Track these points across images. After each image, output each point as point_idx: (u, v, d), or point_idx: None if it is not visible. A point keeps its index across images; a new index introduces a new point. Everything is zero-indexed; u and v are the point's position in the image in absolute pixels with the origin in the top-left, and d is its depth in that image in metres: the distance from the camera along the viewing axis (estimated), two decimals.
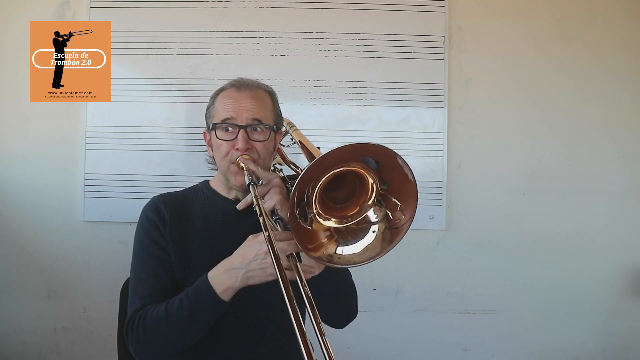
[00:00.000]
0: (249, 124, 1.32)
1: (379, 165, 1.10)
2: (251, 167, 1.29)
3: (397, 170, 1.08)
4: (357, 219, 1.16)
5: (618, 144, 2.43)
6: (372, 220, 1.15)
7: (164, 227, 1.34)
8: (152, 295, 1.28)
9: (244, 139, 1.31)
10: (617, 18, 2.42)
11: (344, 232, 1.16)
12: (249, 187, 1.24)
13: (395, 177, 1.10)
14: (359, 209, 1.16)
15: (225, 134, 1.34)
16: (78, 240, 2.38)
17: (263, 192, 1.25)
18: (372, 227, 1.15)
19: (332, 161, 1.07)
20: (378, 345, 2.43)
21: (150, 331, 1.22)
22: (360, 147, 1.09)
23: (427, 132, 2.39)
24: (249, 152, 1.32)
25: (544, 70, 2.41)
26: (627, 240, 2.44)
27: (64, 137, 2.38)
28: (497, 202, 2.42)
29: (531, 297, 2.43)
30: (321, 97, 2.38)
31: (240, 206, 1.32)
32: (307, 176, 1.05)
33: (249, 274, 1.16)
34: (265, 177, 1.28)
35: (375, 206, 1.15)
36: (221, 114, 1.34)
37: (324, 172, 1.09)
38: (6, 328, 2.41)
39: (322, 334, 0.96)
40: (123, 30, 2.33)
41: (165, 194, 1.44)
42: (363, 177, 1.14)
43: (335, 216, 1.16)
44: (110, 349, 1.63)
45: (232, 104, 1.33)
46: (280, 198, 1.22)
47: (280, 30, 2.37)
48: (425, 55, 2.38)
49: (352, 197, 1.18)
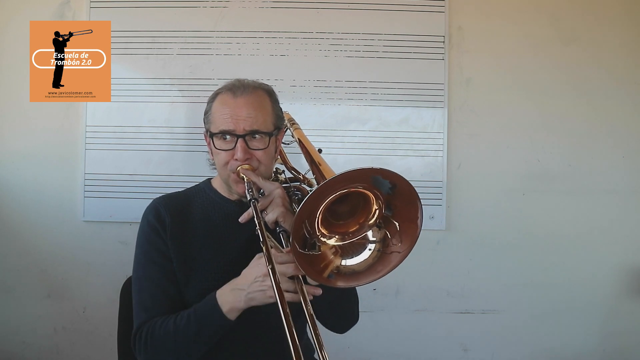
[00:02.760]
0: (248, 132, 1.27)
1: (394, 190, 1.10)
2: (252, 179, 1.26)
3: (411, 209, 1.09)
4: (358, 236, 1.17)
5: (618, 144, 2.42)
6: (370, 239, 1.16)
7: (164, 232, 1.32)
8: (155, 306, 1.27)
9: (242, 150, 1.27)
10: (617, 18, 2.42)
11: (346, 246, 1.16)
12: (250, 203, 1.22)
13: (406, 214, 1.11)
14: (359, 227, 1.17)
15: (223, 144, 1.30)
16: (78, 240, 2.38)
17: (265, 205, 1.23)
18: (369, 245, 1.16)
19: (338, 184, 1.07)
20: (378, 345, 2.43)
21: (158, 346, 1.23)
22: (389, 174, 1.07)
23: (427, 132, 2.39)
24: (248, 161, 1.29)
25: (544, 71, 2.41)
26: (627, 240, 2.44)
27: (64, 137, 2.38)
28: (497, 202, 2.42)
29: (531, 297, 2.43)
30: (321, 97, 2.38)
31: (242, 219, 1.26)
32: (307, 208, 1.05)
33: (250, 296, 1.16)
34: (267, 187, 1.26)
35: (375, 227, 1.16)
36: (218, 123, 1.29)
37: (329, 194, 1.08)
38: (6, 328, 2.40)
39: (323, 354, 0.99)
40: (123, 30, 2.33)
41: (167, 195, 1.42)
42: (368, 197, 1.13)
43: (338, 233, 1.16)
44: (110, 349, 1.63)
45: (228, 114, 1.28)
46: (283, 210, 1.20)
47: (280, 30, 2.37)
48: (425, 55, 2.38)
49: (354, 213, 1.18)
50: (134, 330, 1.28)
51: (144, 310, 1.28)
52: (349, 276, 1.15)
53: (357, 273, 1.15)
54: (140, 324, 1.26)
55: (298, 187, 1.38)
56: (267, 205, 1.23)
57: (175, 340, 1.21)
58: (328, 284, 1.13)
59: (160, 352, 1.23)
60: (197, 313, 1.21)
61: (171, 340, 1.21)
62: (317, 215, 1.12)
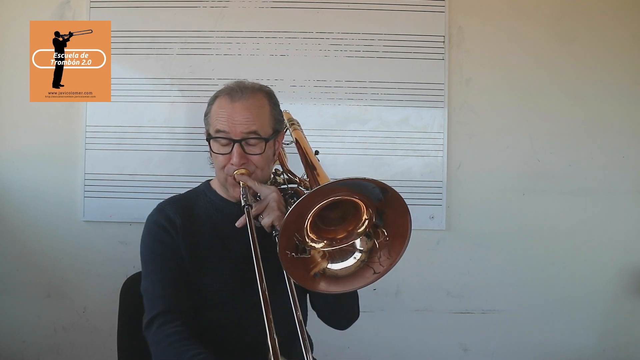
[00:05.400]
0: (244, 137, 1.28)
1: (385, 198, 1.10)
2: (248, 184, 1.27)
3: (400, 223, 1.10)
4: (345, 243, 1.18)
5: (618, 144, 2.42)
6: (358, 248, 1.17)
7: (176, 233, 1.32)
8: (168, 295, 1.27)
9: (238, 154, 1.28)
10: (617, 18, 2.41)
11: (333, 251, 1.18)
12: (244, 209, 1.22)
13: (395, 225, 1.12)
14: (347, 234, 1.18)
15: (221, 147, 1.31)
16: (78, 240, 2.38)
17: (260, 209, 1.23)
18: (354, 254, 1.18)
19: (327, 192, 1.09)
20: (378, 345, 2.43)
21: (157, 355, 1.24)
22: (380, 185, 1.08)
23: (427, 132, 2.39)
24: (245, 166, 1.29)
25: (544, 70, 2.41)
26: (627, 240, 2.44)
27: (64, 137, 2.38)
28: (497, 202, 2.42)
29: (531, 296, 2.43)
30: (321, 97, 2.38)
31: (238, 224, 1.26)
32: (295, 216, 1.07)
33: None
34: (263, 191, 1.27)
35: (364, 236, 1.17)
36: (215, 127, 1.30)
37: (320, 201, 1.09)
38: (6, 328, 2.40)
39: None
40: (123, 30, 2.33)
41: (170, 199, 1.42)
42: (358, 206, 1.14)
43: (327, 238, 1.18)
44: (110, 349, 1.63)
45: (225, 118, 1.29)
46: (279, 214, 1.21)
47: (280, 30, 2.37)
48: (425, 55, 2.38)
49: (344, 220, 1.19)
50: (147, 321, 1.26)
51: (157, 299, 1.27)
52: (331, 279, 1.16)
53: (340, 278, 1.16)
54: (153, 317, 1.25)
55: (295, 189, 1.39)
56: (263, 210, 1.23)
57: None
58: (312, 288, 1.15)
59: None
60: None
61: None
62: (305, 221, 1.12)
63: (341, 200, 1.12)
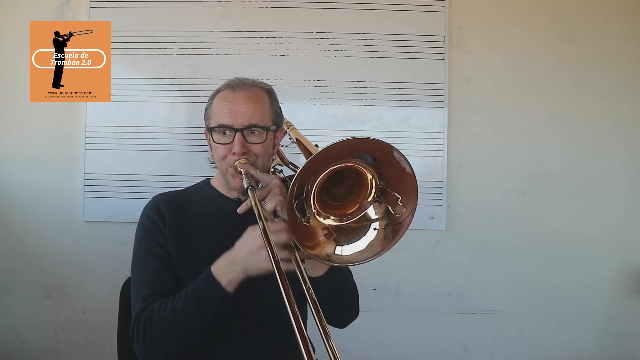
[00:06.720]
0: (245, 127, 1.30)
1: (376, 161, 1.10)
2: (250, 172, 1.28)
3: (395, 164, 1.08)
4: (357, 216, 1.16)
5: (619, 144, 2.43)
6: (373, 218, 1.15)
7: (164, 227, 1.33)
8: (154, 295, 1.27)
9: (240, 143, 1.29)
10: (617, 17, 2.42)
11: (344, 230, 1.16)
12: (247, 191, 1.23)
13: (394, 172, 1.10)
14: (358, 206, 1.16)
15: (222, 138, 1.32)
16: (78, 240, 2.38)
17: (263, 195, 1.24)
18: (373, 225, 1.15)
19: (331, 157, 1.07)
20: (378, 345, 2.43)
21: (157, 329, 1.22)
22: (357, 142, 1.08)
23: (427, 132, 2.39)
24: (246, 155, 1.30)
25: (544, 70, 2.41)
26: (628, 240, 2.44)
27: (64, 137, 2.38)
28: (497, 202, 2.42)
29: (531, 297, 2.43)
30: (321, 97, 2.38)
31: (240, 210, 1.30)
32: (306, 170, 1.05)
33: (247, 267, 1.17)
34: (264, 179, 1.28)
35: (375, 203, 1.15)
36: (217, 117, 1.32)
37: (323, 169, 1.09)
38: (6, 328, 2.41)
39: (327, 336, 1.00)
40: (123, 30, 2.33)
41: (166, 193, 1.43)
42: (362, 173, 1.14)
43: (334, 214, 1.16)
44: (110, 349, 1.63)
45: (227, 107, 1.31)
46: (281, 199, 1.22)
47: (280, 30, 2.37)
48: (425, 55, 2.38)
49: (351, 194, 1.18)
50: (132, 321, 1.27)
51: (141, 299, 1.27)
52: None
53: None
54: (138, 313, 1.26)
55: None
56: (266, 195, 1.24)
57: (175, 319, 1.20)
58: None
59: (160, 335, 1.22)
60: (195, 290, 1.21)
61: (171, 320, 1.20)
62: (313, 190, 1.11)
63: (345, 171, 1.12)
